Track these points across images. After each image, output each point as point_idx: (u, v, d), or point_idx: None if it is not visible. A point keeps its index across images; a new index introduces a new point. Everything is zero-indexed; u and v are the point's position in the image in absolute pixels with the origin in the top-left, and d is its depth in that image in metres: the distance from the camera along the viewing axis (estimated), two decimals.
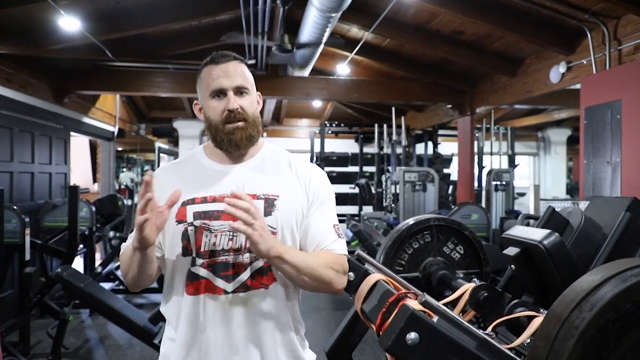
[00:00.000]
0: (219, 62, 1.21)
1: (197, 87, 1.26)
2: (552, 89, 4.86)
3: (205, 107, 1.23)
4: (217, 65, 1.20)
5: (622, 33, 3.81)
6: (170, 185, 1.18)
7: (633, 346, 0.71)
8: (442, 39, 5.22)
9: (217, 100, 1.20)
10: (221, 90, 1.20)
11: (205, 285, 1.15)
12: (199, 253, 1.16)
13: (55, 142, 6.01)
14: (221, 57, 1.22)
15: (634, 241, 1.23)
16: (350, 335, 1.42)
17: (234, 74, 1.20)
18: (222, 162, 1.24)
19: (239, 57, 1.24)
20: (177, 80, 6.40)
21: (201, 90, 1.24)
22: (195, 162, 1.27)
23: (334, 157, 8.83)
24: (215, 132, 1.21)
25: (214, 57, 1.23)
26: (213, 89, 1.20)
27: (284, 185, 1.23)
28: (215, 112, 1.20)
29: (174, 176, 1.25)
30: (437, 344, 0.86)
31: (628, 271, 0.73)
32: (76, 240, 4.21)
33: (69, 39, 4.64)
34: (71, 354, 3.82)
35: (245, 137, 1.20)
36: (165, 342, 1.23)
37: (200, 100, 1.26)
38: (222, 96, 1.20)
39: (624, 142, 3.53)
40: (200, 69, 1.25)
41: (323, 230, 1.22)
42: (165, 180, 1.23)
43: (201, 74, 1.24)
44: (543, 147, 11.49)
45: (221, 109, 1.19)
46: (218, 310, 1.14)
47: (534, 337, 0.79)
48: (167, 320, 1.23)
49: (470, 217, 4.59)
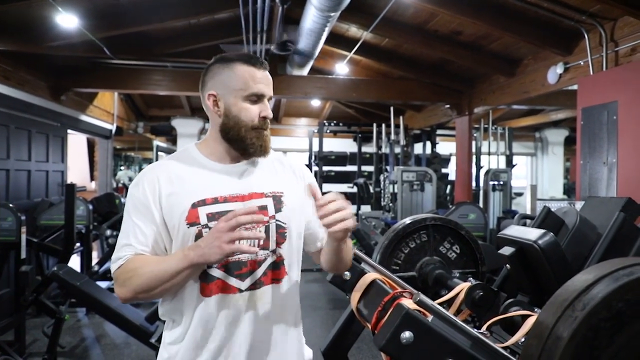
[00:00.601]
0: (260, 67, 1.19)
1: (218, 78, 1.19)
2: (549, 90, 4.87)
3: (233, 105, 1.18)
4: (258, 69, 1.18)
5: (619, 35, 3.82)
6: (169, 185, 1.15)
7: (625, 344, 0.72)
8: (440, 39, 5.22)
9: (251, 103, 1.18)
10: (262, 95, 1.19)
11: (219, 285, 1.14)
12: None
13: (53, 139, 5.99)
14: (260, 62, 1.20)
15: (628, 241, 1.24)
16: (346, 335, 1.42)
17: (270, 83, 1.21)
18: (222, 162, 1.22)
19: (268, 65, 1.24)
20: (176, 78, 6.39)
21: (229, 86, 1.18)
22: (192, 161, 1.22)
23: (333, 156, 8.83)
24: (245, 134, 1.18)
25: (252, 59, 1.19)
26: (254, 92, 1.17)
27: (285, 181, 1.25)
28: (249, 115, 1.18)
29: (172, 176, 1.17)
30: (432, 343, 0.86)
31: (620, 270, 0.74)
32: (73, 238, 4.20)
33: (67, 36, 4.63)
34: (67, 353, 3.81)
35: (269, 144, 1.23)
36: (167, 347, 1.18)
37: (224, 94, 1.19)
38: (258, 101, 1.19)
39: (620, 143, 3.54)
40: (222, 60, 1.20)
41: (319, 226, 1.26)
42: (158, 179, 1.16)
43: (232, 69, 1.18)
44: (540, 148, 11.52)
45: (256, 113, 1.18)
46: (232, 309, 1.14)
47: (528, 336, 0.79)
48: (169, 324, 1.19)
49: (467, 216, 4.60)
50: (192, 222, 1.13)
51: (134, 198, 1.17)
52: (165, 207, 1.14)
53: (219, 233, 1.02)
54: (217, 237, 1.02)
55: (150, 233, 1.14)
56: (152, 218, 1.14)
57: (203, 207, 1.14)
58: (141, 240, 1.13)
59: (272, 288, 1.18)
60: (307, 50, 4.97)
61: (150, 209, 1.14)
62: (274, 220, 1.18)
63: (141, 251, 1.13)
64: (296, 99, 8.67)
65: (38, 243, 4.44)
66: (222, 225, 1.03)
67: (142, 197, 1.15)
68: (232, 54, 1.21)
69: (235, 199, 1.17)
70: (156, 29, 5.24)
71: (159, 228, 1.14)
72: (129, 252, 1.12)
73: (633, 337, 0.72)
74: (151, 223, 1.14)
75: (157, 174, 1.18)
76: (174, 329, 1.18)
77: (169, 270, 1.07)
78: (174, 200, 1.14)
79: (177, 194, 1.15)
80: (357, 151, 8.87)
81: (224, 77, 1.19)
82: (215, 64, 1.21)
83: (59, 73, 5.87)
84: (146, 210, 1.14)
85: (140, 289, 1.08)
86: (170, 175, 1.18)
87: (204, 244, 1.05)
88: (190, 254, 1.05)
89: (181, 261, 1.06)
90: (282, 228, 1.19)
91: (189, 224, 1.13)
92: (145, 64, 6.22)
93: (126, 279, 1.10)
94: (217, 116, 1.21)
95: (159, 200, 1.15)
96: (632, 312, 0.71)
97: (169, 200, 1.14)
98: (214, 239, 1.03)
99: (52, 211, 4.98)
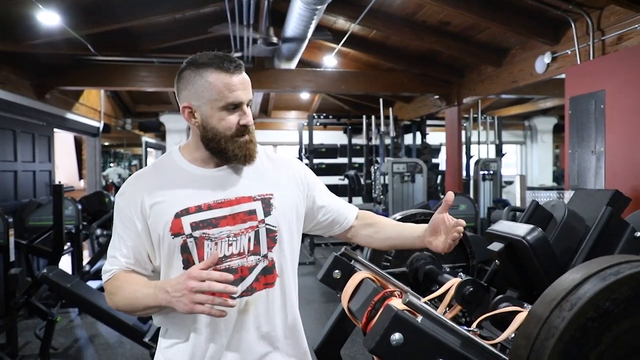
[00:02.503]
0: (234, 72, 1.11)
1: (191, 88, 1.13)
2: (537, 79, 4.89)
3: (210, 116, 1.12)
4: (232, 75, 1.11)
5: (606, 23, 3.83)
6: (152, 194, 1.13)
7: (612, 343, 0.72)
8: (428, 30, 5.21)
9: (228, 112, 1.12)
10: (239, 103, 1.13)
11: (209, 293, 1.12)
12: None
13: (39, 139, 5.91)
14: (235, 66, 1.12)
15: (615, 234, 1.25)
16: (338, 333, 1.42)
17: (247, 86, 1.14)
18: (206, 167, 1.18)
19: (242, 63, 1.17)
20: (163, 74, 6.33)
21: (204, 96, 1.12)
22: (176, 168, 1.19)
23: (323, 149, 8.82)
24: (225, 145, 1.13)
25: (224, 65, 1.11)
26: (231, 101, 1.11)
27: (275, 182, 1.22)
28: (227, 125, 1.13)
29: (155, 185, 1.15)
30: (422, 344, 0.86)
31: (607, 269, 0.74)
32: (62, 240, 4.16)
33: (49, 34, 4.55)
34: (60, 354, 3.79)
35: (254, 150, 1.18)
36: (163, 351, 1.17)
37: (200, 106, 1.13)
38: (236, 109, 1.13)
39: (608, 132, 3.57)
40: (194, 67, 1.13)
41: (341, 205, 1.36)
42: (143, 188, 1.15)
43: (205, 78, 1.11)
44: (530, 136, 11.60)
45: (235, 122, 1.13)
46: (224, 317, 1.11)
47: (516, 336, 0.79)
48: (163, 330, 1.19)
49: (458, 207, 4.62)
50: (177, 233, 1.11)
51: (118, 208, 1.17)
52: (149, 217, 1.13)
53: (187, 291, 0.98)
54: (184, 294, 0.98)
55: (133, 245, 1.14)
56: (134, 229, 1.13)
57: (187, 217, 1.12)
58: (125, 253, 1.14)
59: (266, 293, 1.16)
60: (295, 43, 4.93)
61: (132, 221, 1.14)
62: (264, 225, 1.16)
63: (125, 264, 1.14)
64: (285, 92, 8.62)
65: (27, 245, 4.38)
66: (191, 284, 0.97)
67: (125, 208, 1.15)
68: (204, 57, 1.13)
69: (221, 205, 1.14)
70: (141, 25, 5.16)
71: (142, 239, 1.14)
72: (115, 266, 1.15)
73: (620, 335, 0.72)
74: (134, 235, 1.14)
75: (141, 184, 1.17)
76: (168, 336, 1.17)
77: (142, 303, 1.08)
78: (157, 210, 1.12)
79: (160, 204, 1.13)
80: (348, 143, 8.87)
81: (198, 87, 1.12)
82: (187, 70, 1.14)
83: (42, 71, 5.78)
84: (129, 222, 1.14)
85: (121, 308, 1.14)
86: (154, 185, 1.16)
87: (171, 292, 1.00)
88: (160, 296, 1.03)
89: (152, 299, 1.06)
90: (273, 232, 1.17)
91: (174, 235, 1.11)
92: (131, 60, 6.14)
93: (111, 293, 1.14)
94: (196, 127, 1.16)
95: (141, 212, 1.13)
96: (619, 311, 0.71)
97: (153, 210, 1.13)
98: (182, 294, 0.98)
99: (41, 212, 4.92)
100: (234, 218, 1.14)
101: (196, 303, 0.97)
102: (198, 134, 1.16)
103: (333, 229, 1.35)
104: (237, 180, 1.18)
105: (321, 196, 1.32)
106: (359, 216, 1.38)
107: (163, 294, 1.02)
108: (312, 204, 1.30)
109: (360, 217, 1.38)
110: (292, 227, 1.22)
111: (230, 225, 1.13)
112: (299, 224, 1.26)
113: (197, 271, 0.99)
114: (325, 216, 1.32)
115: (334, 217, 1.33)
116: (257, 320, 1.15)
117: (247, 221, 1.14)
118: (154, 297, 1.04)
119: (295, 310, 1.24)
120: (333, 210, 1.33)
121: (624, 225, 1.25)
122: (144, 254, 1.15)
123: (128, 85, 6.62)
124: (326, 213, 1.32)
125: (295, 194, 1.24)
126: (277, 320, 1.18)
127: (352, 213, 1.36)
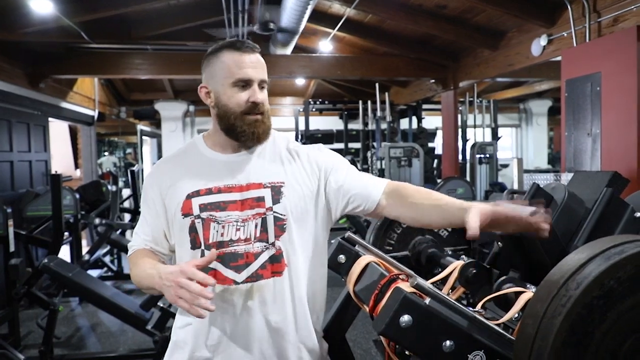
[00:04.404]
0: (245, 51, 1.16)
1: (208, 70, 1.20)
2: (533, 62, 4.89)
3: (222, 93, 1.17)
4: (243, 53, 1.16)
5: (602, 5, 3.83)
6: (171, 177, 1.20)
7: (616, 320, 0.75)
8: (424, 14, 5.18)
9: (239, 89, 1.16)
10: (248, 80, 1.16)
11: (214, 276, 1.13)
12: (207, 245, 1.15)
13: (34, 128, 5.87)
14: (247, 46, 1.17)
15: (615, 216, 1.27)
16: (343, 317, 1.44)
17: (260, 66, 1.19)
18: (224, 152, 1.22)
19: (258, 48, 1.21)
20: (157, 61, 6.27)
21: (217, 75, 1.18)
22: (196, 152, 1.25)
23: (319, 134, 8.81)
24: (234, 122, 1.17)
25: (237, 44, 1.17)
26: (240, 77, 1.15)
27: (288, 171, 1.22)
28: (236, 102, 1.16)
29: (175, 168, 1.23)
30: (430, 325, 0.89)
31: (612, 249, 0.76)
32: (61, 230, 4.17)
33: (42, 22, 4.49)
34: (63, 343, 3.82)
35: (265, 131, 1.20)
36: (176, 331, 1.22)
37: (214, 85, 1.19)
38: (247, 87, 1.17)
39: (604, 114, 3.59)
40: (213, 51, 1.19)
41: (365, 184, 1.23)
42: (166, 171, 1.23)
43: (220, 58, 1.17)
44: (525, 119, 11.61)
45: (244, 99, 1.16)
46: (228, 301, 1.14)
47: (523, 316, 0.82)
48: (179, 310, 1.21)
49: (456, 191, 4.65)
50: (186, 213, 1.16)
51: (145, 189, 1.25)
52: (166, 197, 1.20)
53: (174, 283, 1.00)
54: (172, 286, 1.01)
55: (152, 223, 1.23)
56: (155, 209, 1.22)
57: (196, 198, 1.16)
58: (146, 230, 1.24)
59: (273, 281, 1.16)
60: (290, 28, 4.89)
61: (154, 201, 1.22)
62: (272, 212, 1.16)
63: (143, 242, 1.24)
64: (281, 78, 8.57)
65: (27, 235, 4.39)
66: (179, 279, 1.00)
67: (149, 189, 1.24)
68: (223, 42, 1.20)
69: (231, 189, 1.16)
70: (135, 11, 5.09)
71: (160, 218, 1.21)
72: (136, 243, 1.25)
73: (624, 313, 0.75)
74: (154, 214, 1.22)
75: (164, 167, 1.25)
76: (182, 314, 1.22)
77: (145, 283, 1.14)
78: (172, 191, 1.19)
79: (175, 185, 1.19)
80: (344, 128, 8.86)
81: (213, 68, 1.19)
82: (208, 56, 1.22)
83: (36, 60, 5.71)
84: (151, 202, 1.23)
85: (135, 283, 1.21)
86: (175, 168, 1.23)
87: (164, 279, 1.03)
88: (156, 280, 1.07)
89: (151, 280, 1.10)
90: (281, 220, 1.17)
91: (184, 215, 1.16)
92: (125, 48, 6.08)
93: (130, 268, 1.23)
94: (211, 107, 1.21)
95: (160, 193, 1.21)
96: (623, 289, 0.74)
97: (169, 191, 1.20)
98: (170, 285, 1.01)
99: (38, 202, 4.92)
100: (243, 203, 1.16)
101: (179, 297, 0.99)
102: (214, 114, 1.22)
103: (356, 210, 1.25)
104: (251, 166, 1.20)
105: (337, 179, 1.23)
106: (390, 193, 1.21)
107: (158, 279, 1.06)
108: (329, 189, 1.24)
109: (390, 194, 1.21)
110: (306, 217, 1.21)
111: (238, 210, 1.15)
112: (317, 214, 1.23)
113: (187, 267, 1.01)
114: (344, 197, 1.23)
115: (354, 197, 1.22)
116: (263, 308, 1.15)
117: (255, 207, 1.16)
118: (152, 279, 1.09)
119: (305, 304, 1.21)
120: (351, 190, 1.22)
121: (624, 206, 1.27)
122: (162, 233, 1.22)
123: (122, 73, 6.56)
124: (345, 194, 1.22)
125: (311, 184, 1.23)
126: (287, 311, 1.17)
127: (377, 193, 1.21)
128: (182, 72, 6.39)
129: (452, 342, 0.88)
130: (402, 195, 1.20)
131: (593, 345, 0.74)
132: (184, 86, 9.47)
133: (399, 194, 1.21)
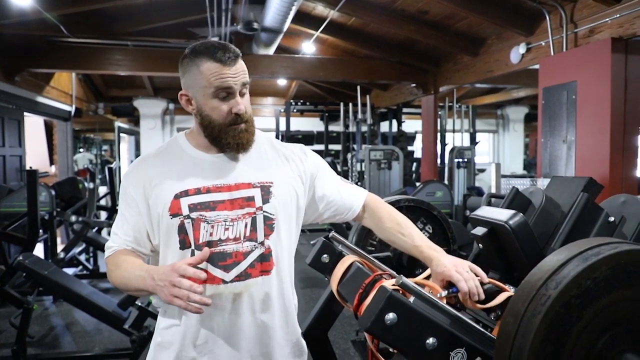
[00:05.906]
0: (227, 63, 1.12)
1: (188, 77, 1.16)
2: (512, 69, 5.01)
3: (203, 104, 1.15)
4: (223, 65, 1.12)
5: (579, 16, 3.95)
6: (156, 176, 1.17)
7: (592, 318, 0.78)
8: (407, 19, 5.25)
9: (220, 101, 1.14)
10: (229, 90, 1.13)
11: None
12: (198, 245, 1.14)
13: (8, 122, 5.73)
14: (228, 57, 1.12)
15: (590, 219, 1.32)
16: (325, 316, 1.46)
17: (240, 73, 1.15)
18: (209, 152, 1.21)
19: (239, 52, 1.17)
20: (137, 57, 6.18)
21: (197, 85, 1.14)
22: (180, 151, 1.22)
23: (300, 135, 8.83)
24: (219, 133, 1.16)
25: (218, 55, 1.11)
26: (220, 88, 1.12)
27: (276, 170, 1.23)
28: (219, 114, 1.15)
29: (159, 167, 1.19)
30: (415, 323, 0.91)
31: (589, 251, 0.80)
32: (37, 226, 4.06)
33: (20, 14, 4.39)
34: (37, 343, 3.73)
35: (249, 139, 1.19)
36: (161, 332, 1.21)
37: (194, 93, 1.16)
38: (228, 97, 1.14)
39: (579, 122, 3.70)
40: (191, 56, 1.14)
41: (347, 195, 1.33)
42: (149, 169, 1.19)
43: (199, 67, 1.12)
44: (502, 125, 11.86)
45: (226, 111, 1.14)
46: (216, 300, 1.14)
47: (504, 314, 0.85)
48: (162, 310, 1.21)
49: (435, 194, 4.73)
50: (175, 213, 1.14)
51: (123, 188, 1.21)
52: (151, 197, 1.16)
53: (168, 283, 1.00)
54: (166, 285, 1.01)
55: (134, 223, 1.18)
56: (136, 209, 1.18)
57: (185, 198, 1.14)
58: (126, 230, 1.19)
59: (262, 280, 1.17)
60: (274, 28, 4.90)
61: (135, 200, 1.18)
62: (261, 212, 1.17)
63: (124, 242, 1.19)
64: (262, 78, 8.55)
65: (0, 232, 4.27)
66: (172, 278, 1.00)
67: (129, 188, 1.19)
68: (202, 46, 1.14)
69: (220, 189, 1.16)
70: (116, 7, 5.02)
71: (142, 218, 1.18)
72: (116, 243, 1.19)
73: (599, 311, 0.79)
74: (136, 214, 1.18)
75: (145, 166, 1.21)
76: (167, 315, 1.20)
77: (133, 285, 1.12)
78: (158, 191, 1.16)
79: (161, 185, 1.16)
80: (324, 130, 8.90)
81: (192, 76, 1.15)
82: (186, 58, 1.17)
83: (12, 53, 5.57)
84: (132, 201, 1.18)
85: (117, 286, 1.18)
86: (158, 166, 1.20)
87: (157, 280, 1.03)
88: (148, 282, 1.06)
89: (142, 282, 1.08)
90: (270, 219, 1.18)
91: (172, 215, 1.14)
92: (104, 43, 5.98)
93: (110, 270, 1.19)
94: (194, 115, 1.19)
95: (144, 192, 1.17)
96: (599, 289, 0.78)
97: (154, 190, 1.16)
98: (164, 284, 1.01)
99: (13, 198, 4.80)
100: (232, 203, 1.16)
101: (175, 296, 1.00)
102: (197, 121, 1.20)
103: (335, 218, 1.34)
104: (239, 166, 1.20)
105: (323, 186, 1.30)
106: (367, 206, 1.35)
107: (150, 280, 1.05)
108: (313, 195, 1.29)
109: (367, 208, 1.35)
110: (292, 216, 1.23)
111: (227, 210, 1.15)
112: (298, 215, 1.26)
113: (179, 265, 1.01)
114: (327, 207, 1.31)
115: (336, 209, 1.32)
116: (252, 306, 1.16)
117: (245, 207, 1.16)
118: (144, 281, 1.07)
119: (291, 300, 1.25)
120: (335, 201, 1.31)
121: (599, 210, 1.33)
122: (144, 233, 1.19)
123: (101, 69, 6.45)
124: (328, 204, 1.31)
125: (297, 185, 1.24)
126: (274, 308, 1.19)
127: (358, 204, 1.33)
128: (163, 70, 6.32)
129: (434, 340, 0.90)
130: (376, 216, 1.34)
131: (570, 343, 0.77)
132: (164, 84, 9.36)
133: (373, 214, 1.34)
